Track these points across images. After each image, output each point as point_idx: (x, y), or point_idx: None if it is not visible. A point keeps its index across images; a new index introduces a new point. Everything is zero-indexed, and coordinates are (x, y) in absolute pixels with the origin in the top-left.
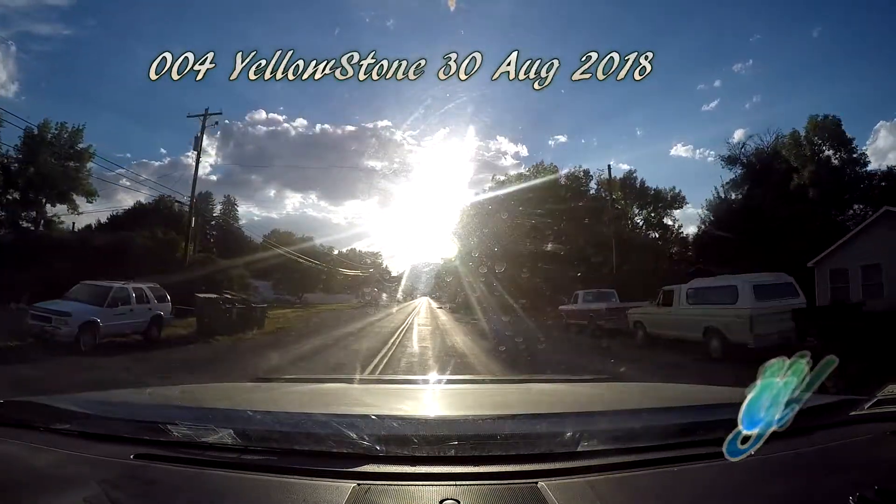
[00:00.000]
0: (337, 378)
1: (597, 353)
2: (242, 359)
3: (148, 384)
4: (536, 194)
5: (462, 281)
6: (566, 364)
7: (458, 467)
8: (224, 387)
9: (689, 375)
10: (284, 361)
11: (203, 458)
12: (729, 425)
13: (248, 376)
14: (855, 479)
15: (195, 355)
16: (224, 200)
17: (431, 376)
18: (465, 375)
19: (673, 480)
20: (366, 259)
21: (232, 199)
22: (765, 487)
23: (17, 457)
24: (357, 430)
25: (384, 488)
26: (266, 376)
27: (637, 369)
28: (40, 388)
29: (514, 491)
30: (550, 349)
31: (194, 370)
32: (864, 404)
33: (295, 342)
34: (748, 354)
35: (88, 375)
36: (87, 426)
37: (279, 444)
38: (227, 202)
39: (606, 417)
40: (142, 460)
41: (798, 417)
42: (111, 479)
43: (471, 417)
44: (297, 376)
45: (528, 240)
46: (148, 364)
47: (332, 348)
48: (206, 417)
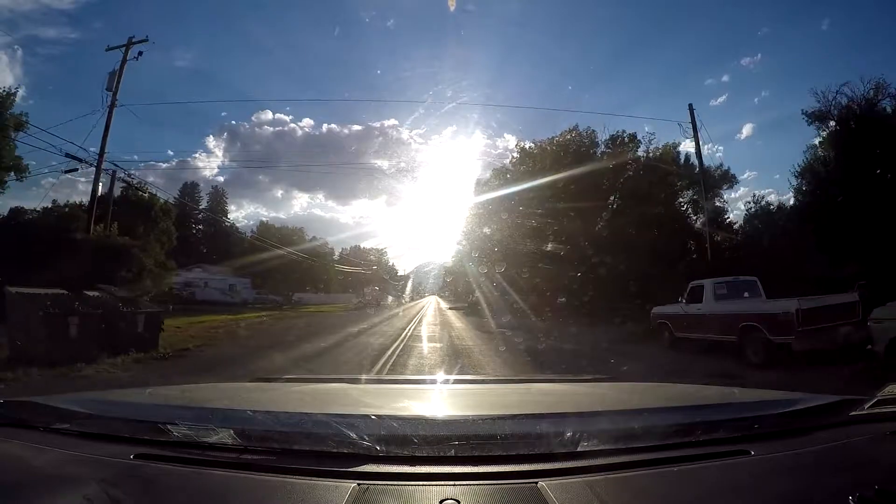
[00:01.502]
0: (337, 378)
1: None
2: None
3: (148, 384)
4: (570, 167)
5: (478, 276)
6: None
7: (458, 467)
8: (224, 387)
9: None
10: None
11: (203, 458)
12: (729, 425)
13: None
14: (855, 479)
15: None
16: (212, 192)
17: (431, 376)
18: (466, 375)
19: (673, 480)
20: (369, 256)
21: (221, 191)
22: (765, 487)
23: (17, 457)
24: (357, 430)
25: (384, 488)
26: (266, 376)
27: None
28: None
29: (514, 491)
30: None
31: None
32: (864, 404)
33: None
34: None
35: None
36: (87, 426)
37: (279, 443)
38: (216, 193)
39: (607, 417)
40: (142, 460)
41: (798, 417)
42: (111, 479)
43: (471, 417)
44: (298, 376)
45: (564, 225)
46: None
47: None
48: (206, 417)
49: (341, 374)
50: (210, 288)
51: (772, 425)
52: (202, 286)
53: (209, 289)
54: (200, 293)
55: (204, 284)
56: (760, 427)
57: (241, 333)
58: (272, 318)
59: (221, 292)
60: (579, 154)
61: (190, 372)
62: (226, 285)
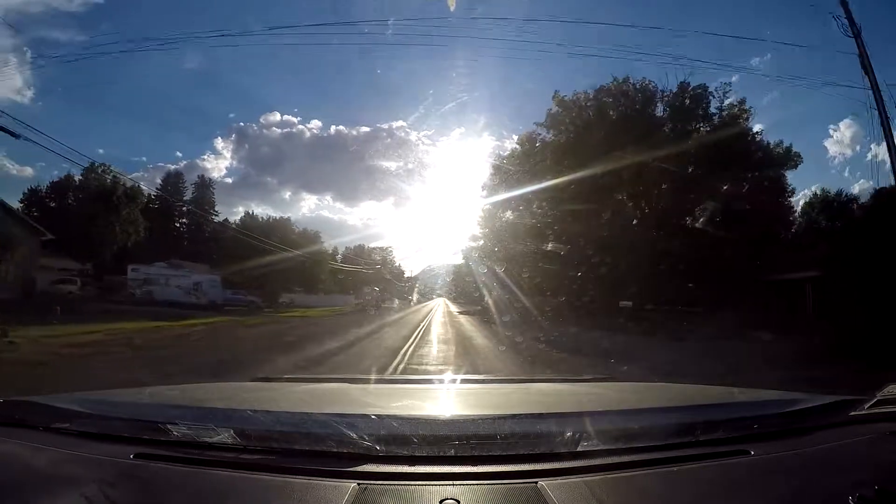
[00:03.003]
0: (338, 378)
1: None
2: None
3: (147, 384)
4: (618, 128)
5: (494, 273)
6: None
7: (457, 467)
8: (224, 386)
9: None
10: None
11: (203, 458)
12: (728, 425)
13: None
14: (855, 479)
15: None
16: (197, 182)
17: (432, 376)
18: (466, 375)
19: (673, 480)
20: (373, 255)
21: (207, 182)
22: (765, 487)
23: (16, 456)
24: (357, 429)
25: (384, 488)
26: (267, 376)
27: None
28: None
29: (514, 491)
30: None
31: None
32: (864, 404)
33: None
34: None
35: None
36: (87, 426)
37: (279, 443)
38: (201, 184)
39: (606, 417)
40: (141, 460)
41: (798, 417)
42: (111, 479)
43: (471, 417)
44: (298, 376)
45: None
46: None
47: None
48: (206, 417)
49: (342, 374)
50: (172, 287)
51: (772, 425)
52: (163, 284)
53: (170, 287)
54: (161, 292)
55: (165, 282)
56: (760, 427)
57: (97, 359)
58: (221, 326)
59: (185, 292)
60: (629, 115)
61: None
62: (190, 283)
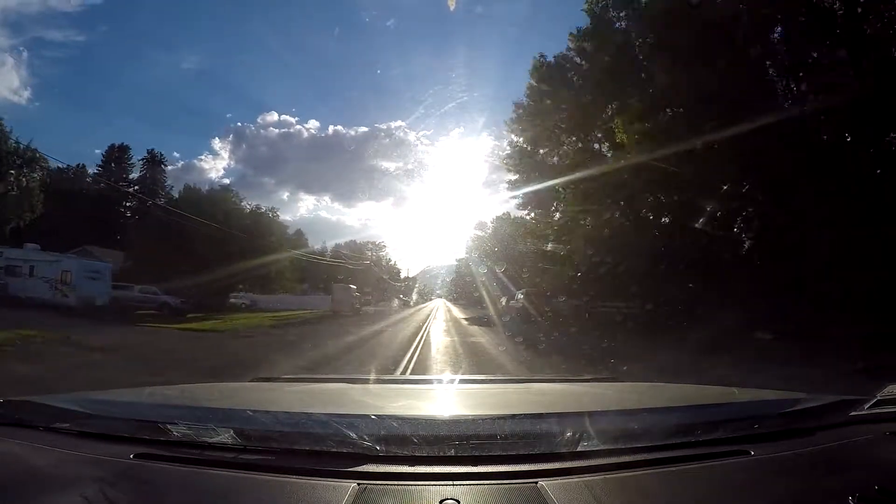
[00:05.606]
0: (338, 378)
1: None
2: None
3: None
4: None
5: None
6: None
7: (457, 467)
8: (224, 387)
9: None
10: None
11: (203, 458)
12: (728, 425)
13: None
14: (855, 479)
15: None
16: (146, 157)
17: (432, 377)
18: (466, 375)
19: (673, 480)
20: (365, 251)
21: (158, 157)
22: (765, 487)
23: (16, 456)
24: (357, 429)
25: (384, 488)
26: (266, 376)
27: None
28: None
29: (514, 491)
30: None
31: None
32: (864, 404)
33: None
34: None
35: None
36: (87, 426)
37: (279, 443)
38: (152, 161)
39: (606, 417)
40: (141, 460)
41: (798, 417)
42: (111, 479)
43: (471, 417)
44: (298, 376)
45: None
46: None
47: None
48: (206, 417)
49: (342, 375)
50: (37, 278)
51: (772, 425)
52: (26, 275)
53: (35, 279)
54: (21, 286)
55: (29, 272)
56: (760, 427)
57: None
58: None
59: (52, 285)
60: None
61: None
62: (57, 273)
